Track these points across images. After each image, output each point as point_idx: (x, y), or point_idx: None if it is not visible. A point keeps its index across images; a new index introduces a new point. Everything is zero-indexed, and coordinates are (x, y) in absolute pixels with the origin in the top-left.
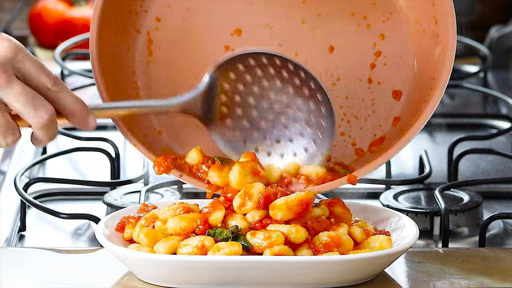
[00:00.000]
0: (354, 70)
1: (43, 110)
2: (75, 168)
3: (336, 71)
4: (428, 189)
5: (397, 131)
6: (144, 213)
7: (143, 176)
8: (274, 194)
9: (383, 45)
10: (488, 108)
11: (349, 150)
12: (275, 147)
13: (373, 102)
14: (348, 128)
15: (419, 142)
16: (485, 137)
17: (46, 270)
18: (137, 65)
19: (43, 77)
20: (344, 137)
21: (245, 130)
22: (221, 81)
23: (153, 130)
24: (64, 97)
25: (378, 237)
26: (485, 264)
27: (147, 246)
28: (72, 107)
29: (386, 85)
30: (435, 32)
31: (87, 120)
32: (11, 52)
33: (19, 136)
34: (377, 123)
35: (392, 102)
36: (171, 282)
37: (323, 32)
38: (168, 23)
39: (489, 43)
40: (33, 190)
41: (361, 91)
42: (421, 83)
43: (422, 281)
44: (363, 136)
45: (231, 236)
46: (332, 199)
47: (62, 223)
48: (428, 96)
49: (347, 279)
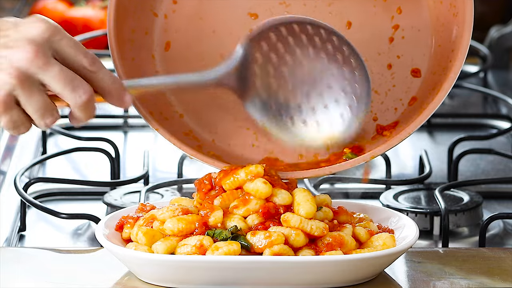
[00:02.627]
0: (372, 45)
1: (82, 90)
2: (75, 168)
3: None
4: (428, 189)
5: (414, 110)
6: (142, 213)
7: (143, 176)
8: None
9: (400, 18)
10: (488, 108)
11: (370, 126)
12: (310, 116)
13: (392, 76)
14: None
15: (419, 142)
16: (485, 137)
17: (46, 270)
18: (156, 49)
19: (81, 57)
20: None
21: (279, 100)
22: (253, 53)
23: (174, 114)
24: (102, 76)
25: (381, 235)
26: (485, 264)
27: (145, 245)
28: (110, 86)
29: (405, 59)
30: (452, 3)
31: (124, 99)
32: (48, 32)
33: (57, 117)
34: (398, 97)
35: (412, 77)
36: (170, 282)
37: (340, 8)
38: (184, 5)
39: (489, 43)
40: (33, 190)
41: (380, 66)
42: (440, 56)
43: (422, 281)
44: (384, 111)
45: (231, 236)
46: (336, 210)
47: (62, 223)
48: (447, 69)
49: (347, 279)
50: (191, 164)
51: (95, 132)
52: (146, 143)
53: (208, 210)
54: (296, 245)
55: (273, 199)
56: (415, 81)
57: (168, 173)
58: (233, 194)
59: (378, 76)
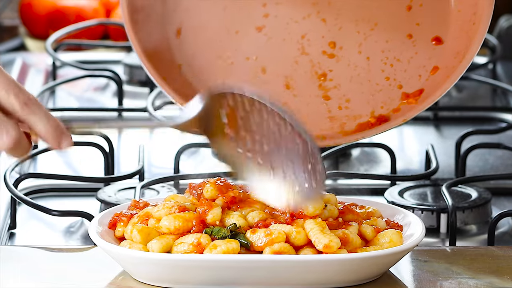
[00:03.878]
0: (391, 14)
1: (6, 135)
2: (68, 163)
3: (372, 17)
4: (434, 185)
5: (438, 78)
6: (136, 210)
7: (138, 172)
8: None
9: None
10: (497, 101)
11: (395, 94)
12: (275, 172)
13: (414, 43)
14: (393, 72)
15: (425, 136)
16: (494, 131)
17: (37, 270)
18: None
19: (12, 99)
20: (390, 81)
21: (239, 155)
22: (215, 107)
23: (173, 64)
24: (34, 120)
25: (387, 232)
26: (494, 263)
27: (140, 244)
28: (43, 129)
29: (425, 26)
30: None
31: (60, 143)
32: None
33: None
34: (421, 64)
35: (434, 45)
36: (166, 282)
37: None
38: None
39: (498, 33)
40: (23, 186)
41: (401, 34)
42: (461, 21)
43: (428, 281)
44: (409, 79)
45: (229, 234)
46: (341, 210)
47: (54, 221)
48: (471, 32)
49: (351, 278)
50: (188, 159)
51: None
52: (142, 137)
53: (206, 207)
54: (298, 244)
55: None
56: (438, 48)
57: (164, 169)
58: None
59: (399, 44)
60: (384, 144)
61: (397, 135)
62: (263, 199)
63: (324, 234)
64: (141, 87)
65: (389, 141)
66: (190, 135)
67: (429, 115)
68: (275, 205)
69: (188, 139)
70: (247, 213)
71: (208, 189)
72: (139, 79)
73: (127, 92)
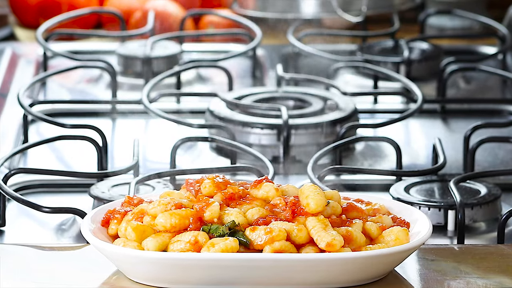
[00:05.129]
0: None
1: None
2: (59, 158)
3: None
4: (442, 180)
5: None
6: (130, 207)
7: (133, 167)
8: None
9: None
10: (508, 93)
11: None
12: None
13: None
14: None
15: (432, 130)
16: (504, 124)
17: (27, 269)
18: None
19: None
20: None
21: None
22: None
23: None
24: None
25: (393, 229)
26: (504, 262)
27: (135, 242)
28: None
29: None
30: None
31: None
32: None
33: None
34: None
35: None
36: (162, 282)
37: None
38: None
39: (508, 22)
40: (13, 182)
41: None
42: None
43: (435, 281)
44: None
45: (228, 232)
46: (345, 207)
47: (45, 218)
48: None
49: (355, 278)
50: (185, 154)
51: (80, 119)
52: (136, 131)
53: (204, 204)
54: (299, 242)
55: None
56: None
57: (160, 164)
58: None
59: None
60: (389, 138)
61: (403, 128)
62: None
63: (327, 232)
64: (136, 79)
65: (395, 135)
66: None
67: (436, 107)
68: None
69: (185, 133)
70: (247, 210)
71: (206, 185)
72: (134, 70)
73: (121, 84)
